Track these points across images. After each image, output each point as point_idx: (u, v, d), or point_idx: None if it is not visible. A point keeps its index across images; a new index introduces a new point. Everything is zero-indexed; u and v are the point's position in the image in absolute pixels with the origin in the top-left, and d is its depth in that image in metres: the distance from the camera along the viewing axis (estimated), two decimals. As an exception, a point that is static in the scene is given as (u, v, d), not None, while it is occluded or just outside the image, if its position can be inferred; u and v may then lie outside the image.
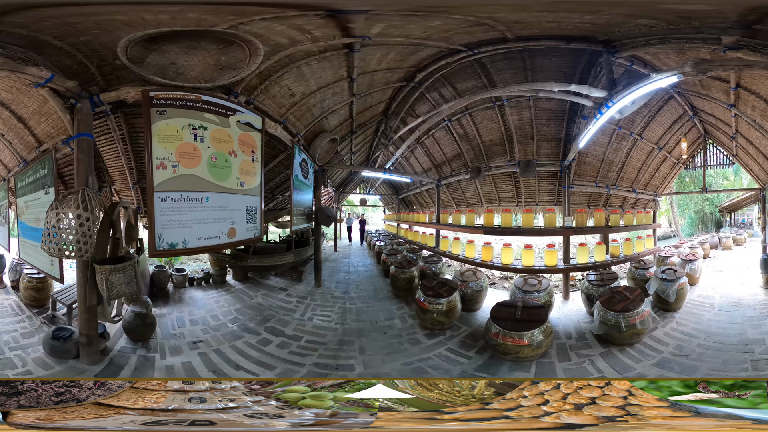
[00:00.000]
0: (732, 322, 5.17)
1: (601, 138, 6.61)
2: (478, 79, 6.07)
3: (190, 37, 3.84)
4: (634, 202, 7.90)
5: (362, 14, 3.91)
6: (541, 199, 7.35)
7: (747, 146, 6.53)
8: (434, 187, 8.84)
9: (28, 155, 5.45)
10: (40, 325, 5.13)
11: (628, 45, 4.74)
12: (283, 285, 7.27)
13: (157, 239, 4.02)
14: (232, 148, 4.55)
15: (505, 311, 4.88)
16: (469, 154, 7.58)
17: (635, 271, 6.61)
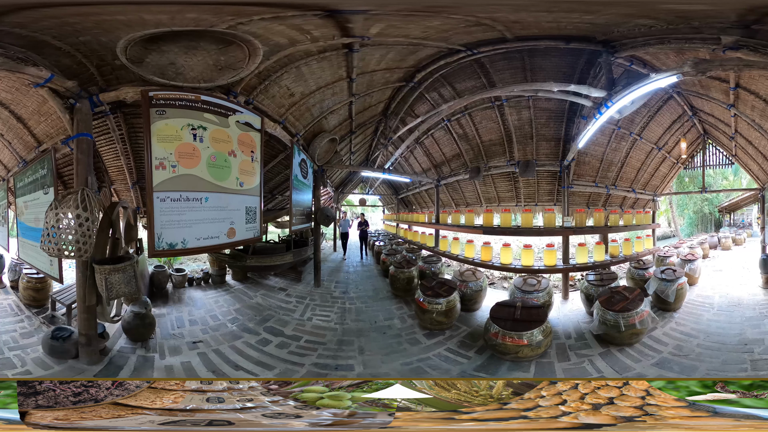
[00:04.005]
0: (731, 322, 5.18)
1: (601, 138, 6.61)
2: (478, 79, 6.07)
3: (189, 37, 3.84)
4: (634, 202, 7.90)
5: (361, 14, 3.91)
6: (541, 199, 7.35)
7: (746, 146, 6.53)
8: (433, 187, 8.84)
9: (27, 155, 5.45)
10: (40, 325, 5.13)
11: (627, 45, 4.74)
12: (283, 285, 7.27)
13: (157, 239, 4.02)
14: (232, 148, 4.55)
15: (505, 311, 4.88)
16: (469, 154, 7.58)
17: (634, 271, 6.62)
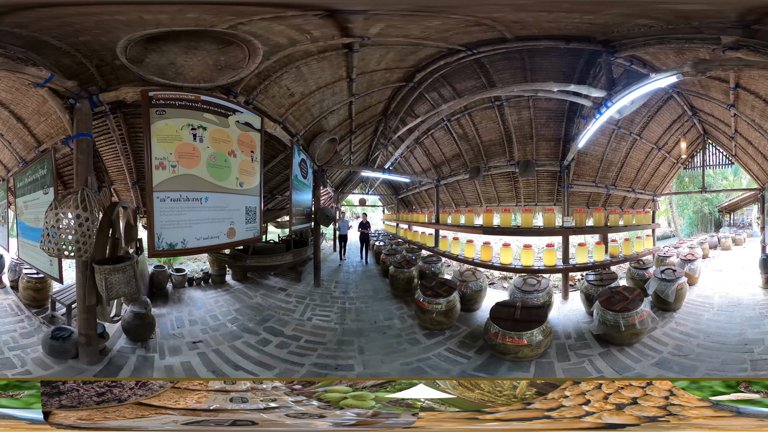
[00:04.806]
0: (731, 322, 5.18)
1: (601, 138, 6.62)
2: (478, 79, 6.07)
3: (189, 37, 3.84)
4: (634, 202, 7.90)
5: (361, 14, 3.91)
6: (541, 199, 7.35)
7: (746, 146, 6.53)
8: (433, 187, 8.83)
9: (27, 155, 5.45)
10: (40, 325, 5.13)
11: (627, 45, 4.74)
12: (283, 285, 7.27)
13: (157, 239, 4.02)
14: (232, 148, 4.55)
15: (505, 311, 4.88)
16: (469, 154, 7.58)
17: (634, 271, 6.61)
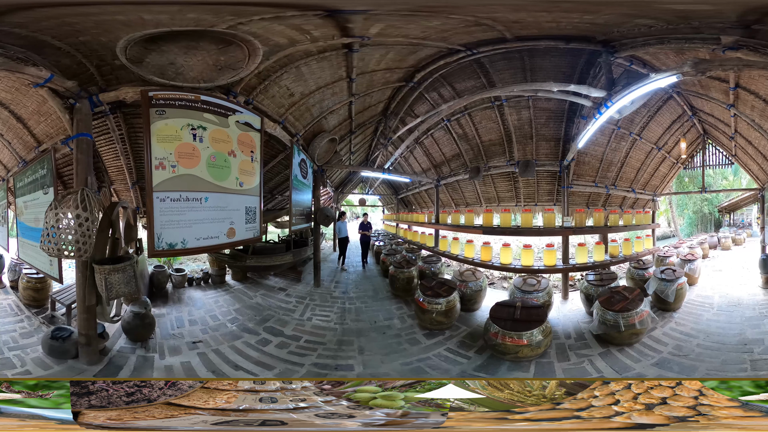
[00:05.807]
0: (731, 322, 5.18)
1: (600, 138, 6.62)
2: (477, 79, 6.07)
3: (189, 37, 3.84)
4: (633, 202, 7.90)
5: (361, 14, 3.91)
6: (540, 199, 7.35)
7: (746, 146, 6.53)
8: (433, 187, 8.83)
9: (27, 155, 5.45)
10: (39, 325, 5.13)
11: (627, 45, 4.74)
12: (282, 285, 7.27)
13: (156, 239, 4.02)
14: (232, 148, 4.55)
15: (504, 311, 4.88)
16: (468, 154, 7.58)
17: (634, 271, 6.61)
